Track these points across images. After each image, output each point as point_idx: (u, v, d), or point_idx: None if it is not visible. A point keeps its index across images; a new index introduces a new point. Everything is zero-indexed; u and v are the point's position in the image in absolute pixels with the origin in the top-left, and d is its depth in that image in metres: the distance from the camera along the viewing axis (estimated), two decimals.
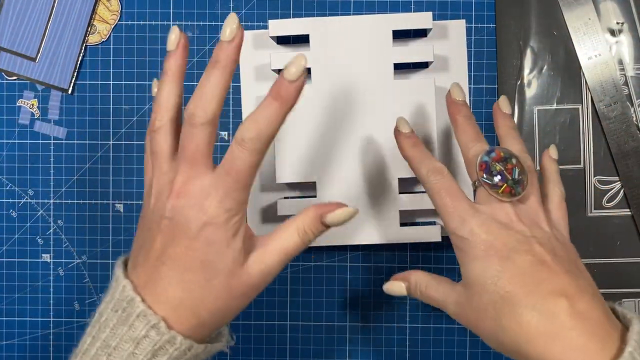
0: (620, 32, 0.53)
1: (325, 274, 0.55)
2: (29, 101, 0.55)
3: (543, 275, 0.38)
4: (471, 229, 0.39)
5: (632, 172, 0.52)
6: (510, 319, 0.37)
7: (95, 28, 0.55)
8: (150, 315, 0.36)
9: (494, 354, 0.54)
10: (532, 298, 0.37)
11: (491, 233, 0.39)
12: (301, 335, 0.55)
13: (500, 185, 0.41)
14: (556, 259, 0.39)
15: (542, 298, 0.37)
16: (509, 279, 0.38)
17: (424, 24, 0.50)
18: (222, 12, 0.55)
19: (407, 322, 0.55)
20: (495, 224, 0.40)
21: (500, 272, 0.38)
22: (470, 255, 0.39)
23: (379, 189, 0.50)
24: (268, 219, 0.54)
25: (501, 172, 0.41)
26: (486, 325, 0.39)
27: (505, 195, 0.41)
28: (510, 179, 0.41)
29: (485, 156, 0.41)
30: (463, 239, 0.40)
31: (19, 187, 0.55)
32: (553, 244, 0.40)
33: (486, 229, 0.39)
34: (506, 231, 0.39)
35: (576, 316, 0.36)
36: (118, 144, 0.55)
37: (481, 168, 0.41)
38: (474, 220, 0.40)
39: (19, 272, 0.56)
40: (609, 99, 0.53)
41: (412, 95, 0.50)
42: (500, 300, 0.38)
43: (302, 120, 0.50)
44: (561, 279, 0.38)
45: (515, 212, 0.40)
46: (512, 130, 0.45)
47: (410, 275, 0.44)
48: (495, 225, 0.40)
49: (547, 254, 0.39)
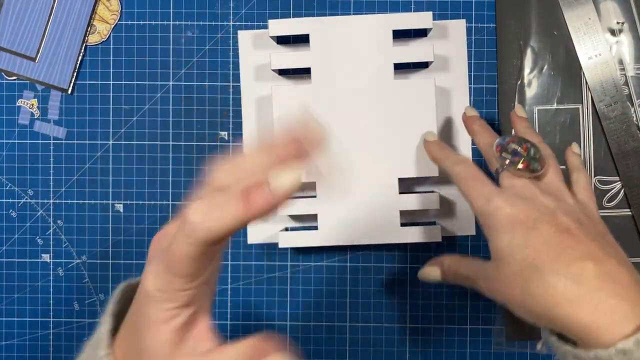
0: (621, 32, 0.53)
1: (325, 274, 0.55)
2: (29, 101, 0.55)
3: (568, 243, 0.39)
4: (496, 205, 0.41)
5: (633, 172, 0.52)
6: (538, 286, 0.38)
7: (95, 28, 0.55)
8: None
9: (494, 354, 0.54)
10: (558, 264, 0.38)
11: (515, 207, 0.40)
12: (301, 335, 0.55)
13: (517, 161, 0.42)
14: (581, 227, 0.40)
15: (568, 263, 0.38)
16: (535, 248, 0.39)
17: (424, 23, 0.50)
18: (221, 12, 0.55)
19: (407, 322, 0.55)
20: (519, 199, 0.41)
21: (526, 241, 0.39)
22: (496, 229, 0.40)
23: (379, 189, 0.50)
24: (268, 219, 0.54)
25: (517, 150, 0.43)
26: (515, 294, 0.39)
27: (524, 171, 0.42)
28: (526, 156, 0.43)
29: (501, 140, 0.44)
30: (489, 216, 0.41)
31: (18, 187, 0.55)
32: (578, 215, 0.41)
33: (510, 203, 0.41)
34: (530, 204, 0.41)
35: (603, 278, 0.37)
36: (118, 144, 0.55)
37: (497, 150, 0.43)
38: (498, 197, 0.41)
39: (18, 272, 0.56)
40: (609, 99, 0.53)
41: (412, 95, 0.50)
42: (527, 269, 0.38)
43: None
44: (586, 246, 0.39)
45: (539, 188, 0.42)
46: (530, 129, 0.47)
47: (443, 260, 0.46)
48: (519, 200, 0.41)
49: (572, 222, 0.40)
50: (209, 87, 0.55)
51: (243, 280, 0.55)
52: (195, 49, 0.55)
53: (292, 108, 0.50)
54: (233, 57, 0.55)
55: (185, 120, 0.55)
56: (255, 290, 0.55)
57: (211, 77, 0.55)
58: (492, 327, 0.54)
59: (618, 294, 0.36)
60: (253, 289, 0.55)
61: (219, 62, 0.55)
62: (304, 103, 0.50)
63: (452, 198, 0.54)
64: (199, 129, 0.55)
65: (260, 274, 0.55)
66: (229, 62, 0.55)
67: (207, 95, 0.55)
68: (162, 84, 0.55)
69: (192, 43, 0.55)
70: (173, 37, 0.55)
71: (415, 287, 0.55)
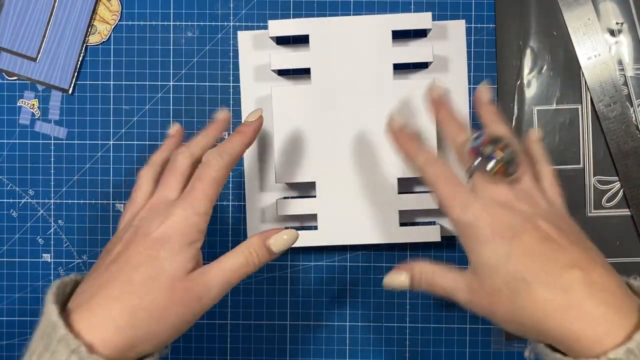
0: (620, 33, 0.53)
1: (325, 274, 0.55)
2: (30, 101, 0.55)
3: (552, 250, 0.38)
4: (474, 214, 0.39)
5: (632, 172, 0.52)
6: (526, 297, 0.37)
7: (95, 28, 0.55)
8: (70, 339, 0.35)
9: (493, 354, 0.54)
10: (545, 273, 0.37)
11: (494, 215, 0.39)
12: (301, 335, 0.55)
13: (494, 166, 0.40)
14: (562, 233, 0.39)
15: (555, 272, 0.37)
16: (519, 258, 0.38)
17: (423, 24, 0.51)
18: (222, 12, 0.55)
19: (407, 322, 0.55)
20: (496, 206, 0.40)
21: (510, 252, 0.38)
22: (477, 240, 0.39)
23: (378, 189, 0.50)
24: (268, 219, 0.54)
25: (492, 154, 0.41)
26: (502, 308, 0.38)
27: (500, 176, 0.41)
28: (502, 160, 0.40)
29: (474, 141, 0.41)
30: (467, 225, 0.40)
31: (19, 187, 0.55)
32: (555, 220, 0.40)
33: (489, 211, 0.39)
34: (508, 211, 0.39)
35: (591, 286, 0.36)
36: (118, 144, 0.55)
37: (472, 153, 0.41)
38: (475, 205, 0.40)
39: (19, 272, 0.56)
40: (609, 99, 0.53)
41: (412, 95, 0.50)
42: (513, 280, 0.37)
43: (302, 120, 0.51)
44: (571, 252, 0.38)
45: (513, 193, 0.41)
46: (495, 115, 0.45)
47: (414, 266, 0.43)
48: (497, 207, 0.40)
49: (552, 229, 0.39)
50: (209, 88, 0.55)
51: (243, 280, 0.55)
52: (195, 50, 0.55)
53: (291, 108, 0.51)
54: (233, 57, 0.55)
55: (186, 121, 0.55)
56: (255, 290, 0.55)
57: (211, 77, 0.55)
58: (491, 327, 0.54)
59: (607, 302, 0.35)
60: (253, 289, 0.55)
61: (219, 63, 0.55)
62: (303, 103, 0.51)
63: None
64: (199, 129, 0.55)
65: (260, 274, 0.55)
66: (229, 63, 0.55)
67: (207, 96, 0.55)
68: (163, 84, 0.55)
69: (193, 43, 0.55)
70: (173, 37, 0.55)
71: None
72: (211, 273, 0.40)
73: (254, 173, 0.54)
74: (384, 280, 0.44)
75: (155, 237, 0.39)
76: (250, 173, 0.54)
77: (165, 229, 0.40)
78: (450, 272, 0.41)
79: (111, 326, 0.37)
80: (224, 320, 0.55)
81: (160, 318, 0.38)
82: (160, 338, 0.38)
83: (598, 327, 0.35)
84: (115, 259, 0.39)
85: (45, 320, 0.37)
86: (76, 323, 0.36)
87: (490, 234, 0.39)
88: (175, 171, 0.43)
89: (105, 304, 0.37)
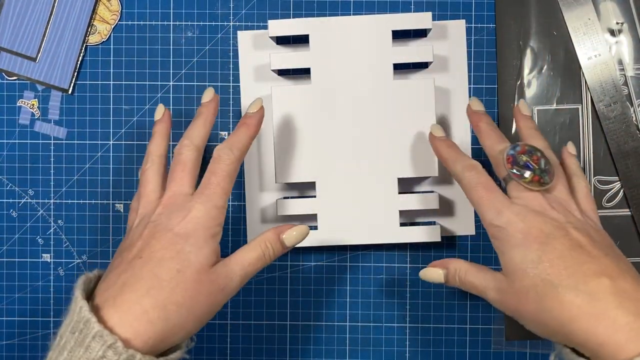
0: (620, 32, 0.53)
1: (325, 274, 0.55)
2: (29, 101, 0.55)
3: (583, 258, 0.39)
4: (508, 219, 0.41)
5: (632, 172, 0.52)
6: (553, 300, 0.38)
7: (95, 28, 0.55)
8: (106, 335, 0.36)
9: (493, 354, 0.54)
10: (574, 279, 0.38)
11: (527, 221, 0.41)
12: (301, 335, 0.55)
13: (529, 175, 0.42)
14: (594, 243, 0.40)
15: (584, 278, 0.38)
16: (550, 262, 0.39)
17: (423, 24, 0.50)
18: (222, 12, 0.55)
19: (407, 322, 0.55)
20: (530, 212, 0.41)
21: (540, 256, 0.39)
22: (509, 243, 0.41)
23: (378, 189, 0.50)
24: (268, 219, 0.54)
25: (528, 163, 0.42)
26: (528, 309, 0.39)
27: (535, 184, 0.42)
28: (537, 169, 0.42)
29: (511, 150, 0.43)
30: (500, 229, 0.41)
31: (19, 187, 0.55)
32: (588, 230, 0.41)
33: (522, 217, 0.41)
34: (542, 218, 0.41)
35: (620, 295, 0.37)
36: (118, 144, 0.55)
37: (508, 161, 0.43)
38: (509, 210, 0.41)
39: (19, 272, 0.56)
40: (609, 99, 0.53)
41: (412, 95, 0.50)
42: (542, 283, 0.39)
43: (302, 120, 0.51)
44: (601, 261, 0.39)
45: (547, 201, 0.42)
46: (534, 131, 0.47)
47: (449, 263, 0.45)
48: (530, 214, 0.41)
49: (583, 237, 0.40)
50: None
51: None
52: (195, 50, 0.55)
53: (291, 108, 0.51)
54: (233, 57, 0.55)
55: (186, 121, 0.55)
56: (255, 290, 0.55)
57: (211, 77, 0.55)
58: (491, 327, 0.54)
59: (634, 312, 0.36)
60: (253, 289, 0.55)
61: (219, 63, 0.55)
62: (303, 103, 0.51)
63: (452, 198, 0.54)
64: None
65: (261, 274, 0.55)
66: (229, 63, 0.55)
67: None
68: (163, 84, 0.55)
69: (192, 43, 0.55)
70: (173, 37, 0.55)
71: (415, 287, 0.55)
72: (232, 265, 0.42)
73: (254, 173, 0.54)
74: (421, 272, 0.46)
75: (178, 232, 0.41)
76: (250, 173, 0.54)
77: (187, 223, 0.41)
78: (482, 272, 0.43)
79: (143, 320, 0.38)
80: (224, 320, 0.55)
81: (189, 310, 0.39)
82: (187, 329, 0.40)
83: (623, 334, 0.36)
84: (138, 254, 0.40)
85: (75, 316, 0.38)
86: (108, 318, 0.37)
87: (522, 238, 0.40)
88: (185, 166, 0.44)
89: (135, 298, 0.38)
